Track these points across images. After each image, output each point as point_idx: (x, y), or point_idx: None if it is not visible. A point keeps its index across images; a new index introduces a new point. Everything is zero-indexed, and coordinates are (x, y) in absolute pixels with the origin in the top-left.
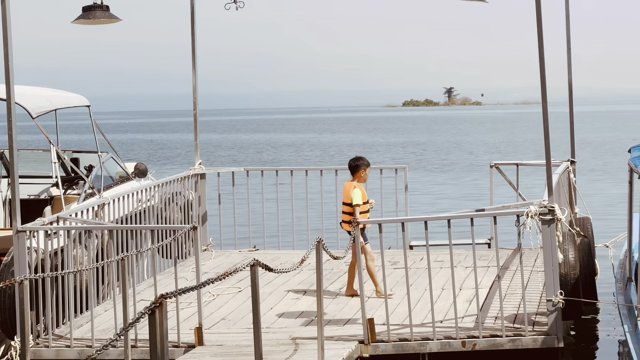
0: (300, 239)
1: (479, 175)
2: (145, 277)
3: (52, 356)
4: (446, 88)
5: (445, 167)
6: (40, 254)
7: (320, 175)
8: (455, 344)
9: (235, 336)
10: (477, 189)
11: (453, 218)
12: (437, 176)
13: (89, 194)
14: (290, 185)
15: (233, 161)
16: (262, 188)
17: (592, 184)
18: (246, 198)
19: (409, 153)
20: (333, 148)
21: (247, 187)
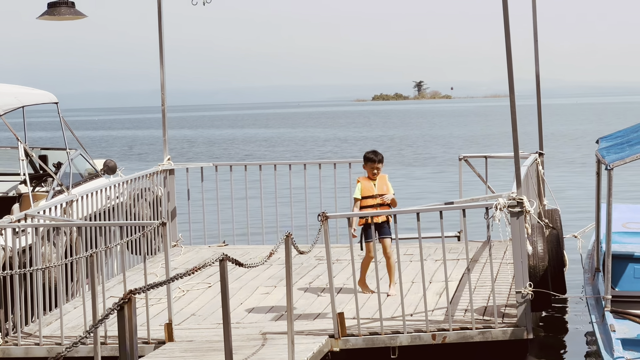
0: (269, 235)
1: (449, 168)
2: (115, 274)
3: (21, 354)
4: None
5: (415, 160)
6: (8, 251)
7: (289, 169)
8: (426, 337)
9: (206, 332)
10: (447, 182)
11: (422, 211)
12: (407, 169)
13: (57, 191)
14: (259, 180)
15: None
16: (231, 183)
17: (560, 175)
18: (215, 193)
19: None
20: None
21: (216, 182)
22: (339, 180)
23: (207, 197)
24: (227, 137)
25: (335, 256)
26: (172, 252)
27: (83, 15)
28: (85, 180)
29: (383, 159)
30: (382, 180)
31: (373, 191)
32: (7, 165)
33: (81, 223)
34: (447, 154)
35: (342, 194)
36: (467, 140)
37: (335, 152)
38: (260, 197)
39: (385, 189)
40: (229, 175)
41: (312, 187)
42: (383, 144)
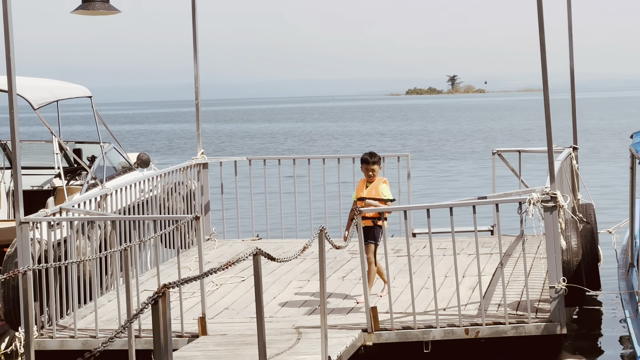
0: (303, 228)
1: (482, 163)
2: (149, 267)
3: (56, 347)
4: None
5: (448, 154)
6: (44, 245)
7: (322, 163)
8: (459, 332)
9: (239, 325)
10: (480, 177)
11: (455, 206)
12: (444, 163)
13: (91, 185)
14: (293, 174)
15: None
16: (265, 177)
17: (595, 170)
18: (249, 187)
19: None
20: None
21: (250, 176)
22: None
23: (240, 190)
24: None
25: None
26: (206, 245)
27: (117, 11)
28: (119, 174)
29: (380, 160)
30: (375, 184)
31: (360, 194)
32: (42, 159)
33: (115, 217)
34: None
35: None
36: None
37: (375, 146)
38: (294, 191)
39: (374, 192)
40: (262, 169)
41: (347, 182)
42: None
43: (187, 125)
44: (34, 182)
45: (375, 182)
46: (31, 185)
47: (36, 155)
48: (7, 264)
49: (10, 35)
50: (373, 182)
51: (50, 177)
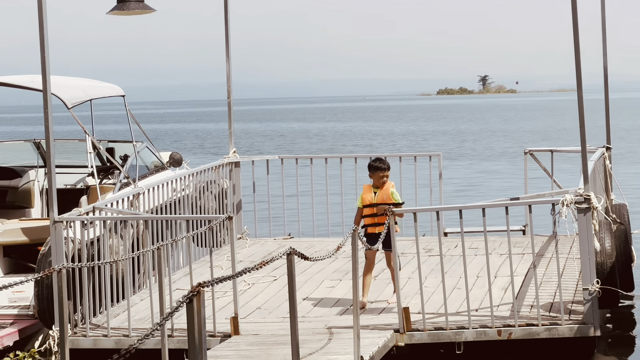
0: (335, 227)
1: (515, 163)
2: (181, 266)
3: (89, 345)
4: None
5: (481, 154)
6: (77, 244)
7: (354, 162)
8: (491, 333)
9: (271, 325)
10: (512, 176)
11: (488, 207)
12: (472, 164)
13: (124, 184)
14: (325, 173)
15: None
16: (297, 176)
17: (629, 170)
18: (281, 186)
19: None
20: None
21: (282, 175)
22: (404, 174)
23: (272, 189)
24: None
25: (401, 249)
26: (238, 244)
27: (152, 10)
28: (152, 173)
29: (389, 167)
30: (384, 190)
31: (371, 200)
32: (75, 158)
33: (148, 216)
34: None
35: (408, 188)
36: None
37: (409, 146)
38: (325, 190)
39: (385, 197)
40: (294, 168)
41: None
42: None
43: (219, 125)
44: (68, 180)
45: (384, 187)
46: (64, 184)
47: (70, 154)
48: (41, 263)
49: (45, 36)
50: (382, 188)
51: (84, 176)
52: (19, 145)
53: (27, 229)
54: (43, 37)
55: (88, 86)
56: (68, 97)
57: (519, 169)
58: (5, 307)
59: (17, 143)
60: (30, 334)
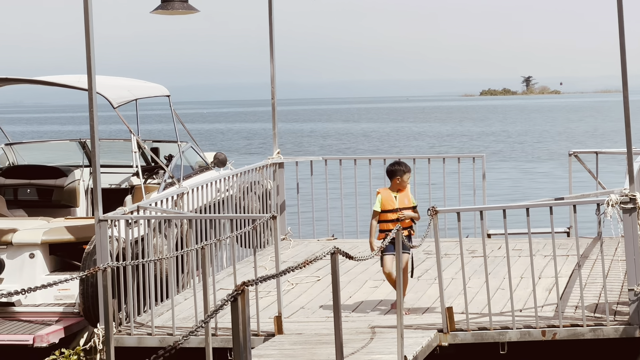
0: None
1: (558, 164)
2: (224, 266)
3: (134, 343)
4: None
5: (525, 155)
6: (122, 242)
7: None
8: (535, 333)
9: (315, 325)
10: (557, 178)
11: (532, 207)
12: (517, 165)
13: (168, 184)
14: (368, 174)
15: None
16: (341, 177)
17: None
18: (325, 187)
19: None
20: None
21: (326, 176)
22: (447, 174)
23: (316, 190)
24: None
25: (444, 250)
26: (281, 245)
27: (195, 10)
28: (196, 173)
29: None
30: (405, 193)
31: (394, 204)
32: (120, 158)
33: (192, 215)
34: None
35: (451, 189)
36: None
37: (456, 146)
38: (369, 191)
39: (406, 202)
40: (338, 169)
41: (422, 183)
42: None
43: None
44: (112, 180)
45: (403, 191)
46: (109, 184)
47: (115, 153)
48: (86, 261)
49: (91, 35)
50: (402, 192)
51: (128, 176)
52: (65, 145)
53: (73, 227)
54: (89, 37)
55: (133, 86)
56: (114, 97)
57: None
58: (51, 305)
59: (63, 142)
60: (75, 331)
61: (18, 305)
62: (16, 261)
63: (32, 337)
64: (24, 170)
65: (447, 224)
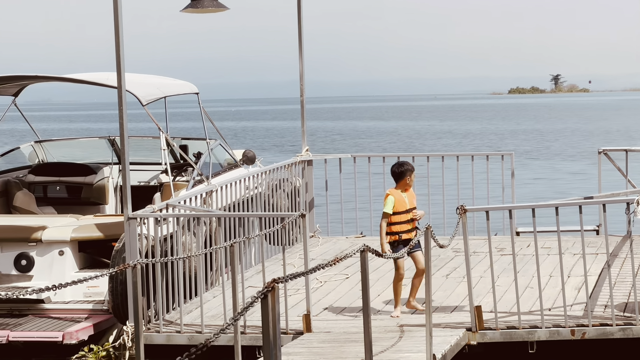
0: None
1: (588, 162)
2: (252, 264)
3: (163, 341)
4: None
5: (553, 154)
6: (150, 240)
7: (427, 161)
8: (564, 333)
9: (343, 323)
10: (586, 176)
11: (561, 205)
12: (546, 163)
13: (197, 181)
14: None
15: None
16: (369, 174)
17: None
18: (353, 184)
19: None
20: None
21: (354, 173)
22: (476, 172)
23: (345, 188)
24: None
25: (473, 248)
26: (310, 242)
27: (225, 8)
28: (225, 170)
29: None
30: (411, 192)
31: (405, 205)
32: (149, 155)
33: (221, 214)
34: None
35: (480, 187)
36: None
37: (489, 145)
38: None
39: (414, 201)
40: (367, 167)
41: (450, 183)
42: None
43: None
44: (141, 177)
45: (409, 190)
46: (138, 181)
47: (144, 151)
48: (115, 259)
49: (120, 33)
50: (408, 191)
51: (157, 173)
52: (94, 142)
53: (102, 224)
54: (118, 35)
55: (162, 83)
56: (143, 94)
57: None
58: (80, 302)
59: (92, 140)
60: (104, 328)
61: (47, 302)
62: (45, 258)
63: (62, 334)
64: (53, 167)
65: (476, 222)
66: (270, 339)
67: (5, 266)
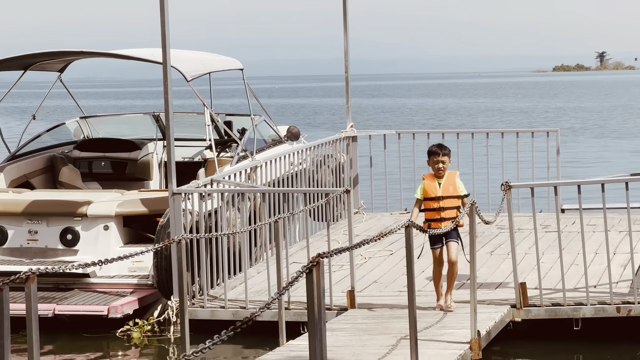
0: None
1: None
2: (296, 240)
3: (207, 316)
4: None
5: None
6: (195, 215)
7: (471, 138)
8: (610, 310)
9: (387, 299)
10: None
11: (607, 182)
12: (592, 140)
13: (241, 157)
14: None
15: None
16: (414, 150)
17: None
18: (398, 161)
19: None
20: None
21: (399, 149)
22: (521, 149)
23: (389, 164)
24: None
25: (517, 225)
26: (354, 219)
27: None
28: (269, 146)
29: (450, 152)
30: (449, 179)
31: (436, 192)
32: (193, 132)
33: (266, 189)
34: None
35: (525, 164)
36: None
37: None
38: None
39: (451, 189)
40: (412, 143)
41: (495, 157)
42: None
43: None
44: (186, 153)
45: (448, 177)
46: (182, 157)
47: (188, 127)
48: (160, 234)
49: (166, 10)
50: (445, 178)
51: (202, 149)
52: (139, 118)
53: (146, 200)
54: (163, 11)
55: (207, 59)
56: (187, 70)
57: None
58: (125, 276)
59: (137, 116)
60: (149, 303)
61: (93, 277)
62: (91, 233)
63: (107, 308)
64: (98, 143)
65: (521, 199)
66: (315, 314)
67: (52, 240)
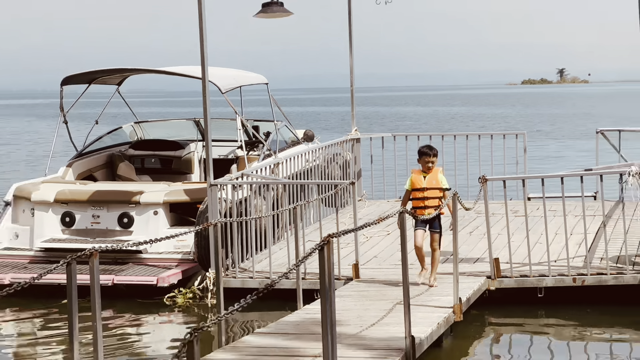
0: None
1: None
2: (312, 222)
3: (238, 285)
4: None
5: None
6: (228, 203)
7: (454, 139)
8: (567, 280)
9: (385, 271)
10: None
11: (566, 176)
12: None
13: (266, 155)
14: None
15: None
16: (407, 150)
17: None
18: (393, 158)
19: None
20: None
21: (394, 149)
22: (495, 148)
23: (386, 160)
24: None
25: (492, 211)
26: (358, 205)
27: (290, 13)
28: (289, 146)
29: (437, 152)
30: (433, 174)
31: (422, 184)
32: (227, 134)
33: (286, 181)
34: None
35: (498, 161)
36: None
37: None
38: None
39: (434, 182)
40: (405, 144)
41: (473, 154)
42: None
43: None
44: (221, 152)
45: (432, 172)
46: (218, 155)
47: (223, 130)
48: (200, 218)
49: (204, 33)
50: (430, 173)
51: (234, 149)
52: (182, 123)
53: (189, 190)
54: (202, 34)
55: (238, 75)
56: (222, 84)
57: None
58: (171, 253)
59: (181, 122)
60: (190, 274)
61: (145, 253)
62: (143, 217)
63: (156, 279)
64: (149, 143)
65: (494, 189)
66: (326, 283)
67: (111, 223)
